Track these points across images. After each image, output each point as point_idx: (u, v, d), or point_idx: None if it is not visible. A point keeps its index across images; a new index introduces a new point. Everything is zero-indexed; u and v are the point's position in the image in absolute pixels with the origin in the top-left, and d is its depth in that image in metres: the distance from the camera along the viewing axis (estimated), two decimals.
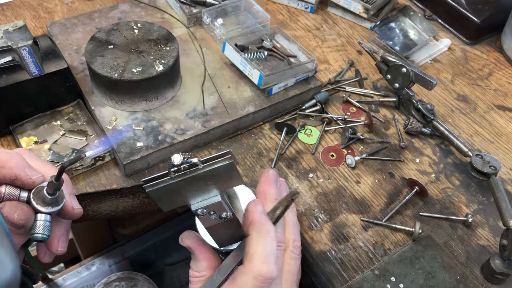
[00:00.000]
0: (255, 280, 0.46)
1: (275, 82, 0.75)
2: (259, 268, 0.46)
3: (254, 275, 0.46)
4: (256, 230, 0.48)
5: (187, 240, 0.52)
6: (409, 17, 0.96)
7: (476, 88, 0.88)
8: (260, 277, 0.46)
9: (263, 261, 0.46)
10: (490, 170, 0.69)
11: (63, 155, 0.66)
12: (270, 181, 0.56)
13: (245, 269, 0.47)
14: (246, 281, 0.46)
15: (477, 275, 0.62)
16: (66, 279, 1.24)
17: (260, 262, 0.46)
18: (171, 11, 0.90)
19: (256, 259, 0.46)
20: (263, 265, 0.46)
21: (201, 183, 0.43)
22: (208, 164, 0.41)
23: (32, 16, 0.88)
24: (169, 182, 0.41)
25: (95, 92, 0.72)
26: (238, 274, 0.47)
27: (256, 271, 0.46)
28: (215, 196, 0.44)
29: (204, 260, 0.51)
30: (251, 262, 0.46)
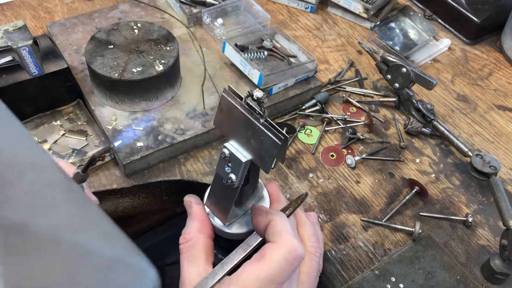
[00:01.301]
0: (289, 255, 0.44)
1: (275, 82, 0.75)
2: (292, 243, 0.44)
3: (288, 249, 0.44)
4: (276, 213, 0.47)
5: (189, 197, 0.52)
6: (409, 17, 0.96)
7: (476, 88, 0.88)
8: (294, 251, 0.44)
9: (295, 238, 0.45)
10: (490, 170, 0.69)
11: (63, 155, 0.66)
12: (279, 188, 0.56)
13: (277, 245, 0.45)
14: (278, 256, 0.44)
15: (477, 275, 0.62)
16: None
17: (291, 236, 0.45)
18: (171, 11, 0.90)
19: (287, 234, 0.45)
20: (295, 240, 0.44)
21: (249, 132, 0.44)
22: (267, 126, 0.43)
23: (32, 16, 0.88)
24: (239, 106, 0.44)
25: (95, 92, 0.72)
26: (269, 250, 0.45)
27: (290, 245, 0.44)
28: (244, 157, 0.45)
29: (197, 219, 0.50)
30: (282, 237, 0.44)
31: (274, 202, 0.54)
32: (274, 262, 0.43)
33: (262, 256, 0.45)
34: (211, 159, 0.71)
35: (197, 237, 0.49)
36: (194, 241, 0.49)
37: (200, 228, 0.50)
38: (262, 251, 0.45)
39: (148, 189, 0.69)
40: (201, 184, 0.68)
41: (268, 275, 0.43)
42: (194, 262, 0.48)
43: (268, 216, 0.47)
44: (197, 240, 0.49)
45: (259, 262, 0.44)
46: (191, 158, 0.71)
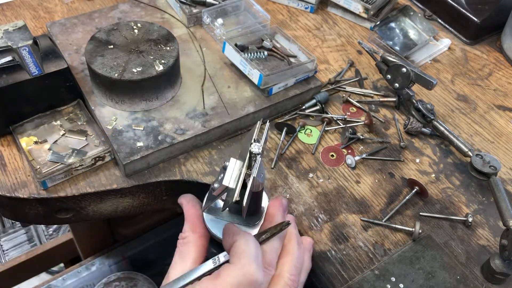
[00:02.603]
0: (243, 278, 0.44)
1: (275, 82, 0.75)
2: (249, 267, 0.45)
3: (243, 272, 0.44)
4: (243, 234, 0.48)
5: (182, 199, 0.54)
6: (409, 17, 0.96)
7: (476, 88, 0.88)
8: (249, 275, 0.44)
9: (254, 261, 0.45)
10: (490, 170, 0.69)
11: (63, 155, 0.66)
12: (280, 208, 0.55)
13: (233, 266, 0.45)
14: (232, 278, 0.44)
15: (477, 275, 0.62)
16: (66, 279, 1.24)
17: (250, 260, 0.45)
18: (171, 11, 0.90)
19: (246, 257, 0.45)
20: (253, 264, 0.45)
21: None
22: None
23: (32, 16, 0.88)
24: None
25: (95, 92, 0.72)
26: (224, 270, 0.46)
27: (246, 269, 0.44)
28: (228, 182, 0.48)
29: (187, 219, 0.52)
30: (240, 260, 0.45)
31: (265, 221, 0.54)
32: (227, 283, 0.44)
33: (218, 274, 0.46)
34: (211, 159, 0.71)
35: (190, 237, 0.52)
36: (186, 241, 0.51)
37: (192, 228, 0.52)
38: (219, 270, 0.46)
39: (148, 189, 0.69)
40: (201, 184, 0.68)
41: None
42: (182, 259, 0.50)
43: (233, 237, 0.48)
44: (189, 240, 0.51)
45: (214, 280, 0.45)
46: (191, 158, 0.71)
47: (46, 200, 0.65)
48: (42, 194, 0.64)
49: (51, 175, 0.64)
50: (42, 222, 0.70)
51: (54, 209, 0.67)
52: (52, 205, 0.66)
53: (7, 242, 1.69)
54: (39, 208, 0.66)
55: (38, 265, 1.40)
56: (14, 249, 1.67)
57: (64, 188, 0.65)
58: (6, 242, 1.69)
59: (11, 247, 1.68)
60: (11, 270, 1.33)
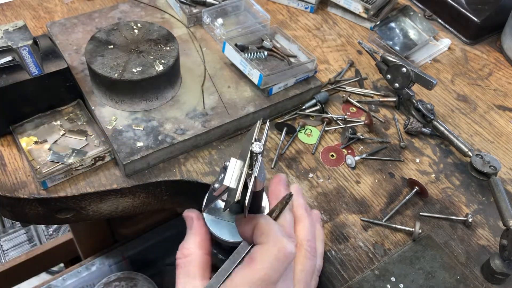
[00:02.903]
0: (278, 253, 0.43)
1: (275, 82, 0.75)
2: (280, 242, 0.44)
3: (277, 248, 0.43)
4: (260, 216, 0.47)
5: (190, 212, 0.52)
6: (409, 17, 0.96)
7: (476, 88, 0.88)
8: (283, 249, 0.43)
9: (283, 236, 0.44)
10: (490, 170, 0.69)
11: (63, 155, 0.66)
12: (282, 184, 0.55)
13: (265, 246, 0.44)
14: (268, 256, 0.43)
15: (477, 275, 0.62)
16: (66, 279, 1.24)
17: (279, 235, 0.44)
18: (171, 11, 0.90)
19: (274, 234, 0.44)
20: (284, 239, 0.44)
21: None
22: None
23: (32, 16, 0.88)
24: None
25: (95, 92, 0.72)
26: (258, 252, 0.44)
27: (279, 244, 0.44)
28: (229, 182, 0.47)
29: (197, 234, 0.50)
30: (270, 238, 0.44)
31: (272, 199, 0.54)
32: (265, 263, 0.43)
33: (252, 259, 0.45)
34: (211, 159, 0.71)
35: (195, 254, 0.49)
36: (193, 258, 0.49)
37: (199, 244, 0.50)
38: (251, 255, 0.45)
39: (148, 189, 0.69)
40: (201, 184, 0.68)
41: (260, 277, 0.43)
42: (190, 278, 0.48)
43: (252, 221, 0.47)
44: (195, 257, 0.49)
45: (250, 265, 0.44)
46: (191, 158, 0.71)
47: (46, 200, 0.65)
48: (42, 194, 0.64)
49: (51, 175, 0.64)
50: (42, 222, 0.70)
51: (54, 209, 0.67)
52: (52, 205, 0.66)
53: (7, 242, 1.69)
54: (39, 208, 0.66)
55: (38, 265, 1.40)
56: (14, 249, 1.67)
57: (64, 188, 0.65)
58: (6, 242, 1.69)
59: (11, 247, 1.68)
60: (11, 270, 1.33)
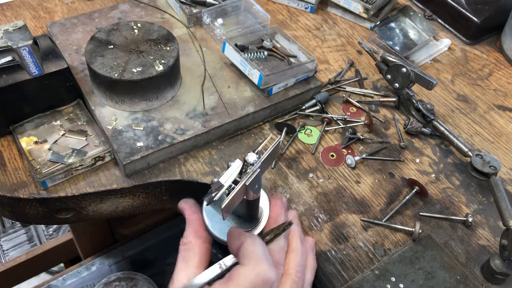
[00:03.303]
0: (256, 278, 0.44)
1: (275, 82, 0.75)
2: (261, 266, 0.44)
3: (256, 272, 0.44)
4: (249, 236, 0.48)
5: (184, 204, 0.54)
6: (409, 17, 0.96)
7: (476, 88, 0.88)
8: (262, 275, 0.44)
9: (265, 261, 0.45)
10: (490, 170, 0.69)
11: (63, 155, 0.66)
12: (282, 207, 0.56)
13: (245, 267, 0.45)
14: (245, 279, 0.44)
15: (477, 275, 0.62)
16: (66, 279, 1.24)
17: (261, 260, 0.45)
18: (171, 11, 0.90)
19: (256, 257, 0.45)
20: (265, 264, 0.45)
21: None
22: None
23: (32, 16, 0.88)
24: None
25: (95, 92, 0.72)
26: (236, 272, 0.45)
27: (258, 269, 0.44)
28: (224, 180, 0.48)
29: (191, 225, 0.52)
30: (251, 260, 0.45)
31: (270, 222, 0.54)
32: (241, 285, 0.44)
33: (229, 277, 0.45)
34: (211, 159, 0.71)
35: (193, 242, 0.51)
36: (190, 246, 0.51)
37: (195, 234, 0.52)
38: (231, 273, 0.46)
39: (148, 189, 0.69)
40: (201, 184, 0.68)
41: None
42: (186, 264, 0.50)
43: (240, 238, 0.48)
44: (192, 245, 0.51)
45: (227, 283, 0.45)
46: (191, 158, 0.71)
47: (46, 200, 0.65)
48: (42, 194, 0.64)
49: (51, 175, 0.64)
50: (42, 222, 0.70)
51: (54, 209, 0.67)
52: (52, 205, 0.66)
53: (7, 242, 1.69)
54: (39, 208, 0.66)
55: (38, 265, 1.40)
56: (14, 249, 1.67)
57: (64, 188, 0.65)
58: (6, 242, 1.69)
59: (11, 247, 1.68)
60: (11, 270, 1.33)
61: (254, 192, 0.48)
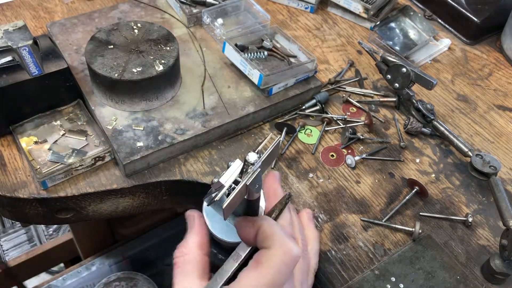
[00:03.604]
0: (285, 257, 0.44)
1: (275, 82, 0.75)
2: (286, 245, 0.44)
3: (284, 251, 0.44)
4: (263, 219, 0.47)
5: (192, 212, 0.52)
6: (409, 17, 0.96)
7: (476, 88, 0.88)
8: (290, 253, 0.44)
9: (287, 238, 0.45)
10: (490, 170, 0.69)
11: (63, 155, 0.66)
12: (277, 181, 0.56)
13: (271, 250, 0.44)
14: (275, 260, 0.44)
15: (477, 275, 0.62)
16: (66, 279, 1.24)
17: (285, 239, 0.44)
18: (171, 11, 0.90)
19: (279, 238, 0.45)
20: (290, 242, 0.44)
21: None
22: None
23: (32, 16, 0.88)
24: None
25: (95, 92, 0.72)
26: (264, 256, 0.45)
27: (285, 248, 0.44)
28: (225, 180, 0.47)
29: (198, 234, 0.50)
30: (275, 241, 0.44)
31: (269, 197, 0.54)
32: (272, 267, 0.44)
33: (258, 263, 0.45)
34: (211, 159, 0.71)
35: (194, 253, 0.49)
36: (191, 257, 0.48)
37: (199, 245, 0.49)
38: (257, 258, 0.45)
39: (148, 189, 0.69)
40: (201, 184, 0.68)
41: (269, 280, 0.43)
42: (188, 278, 0.47)
43: (255, 224, 0.47)
44: (194, 257, 0.48)
45: (257, 269, 0.44)
46: (191, 158, 0.71)
47: (46, 200, 0.65)
48: (42, 194, 0.64)
49: (51, 175, 0.64)
50: (42, 222, 0.70)
51: (54, 209, 0.67)
52: (52, 205, 0.66)
53: (7, 242, 1.69)
54: (39, 208, 0.66)
55: (38, 265, 1.40)
56: (14, 249, 1.67)
57: (64, 188, 0.65)
58: (6, 242, 1.69)
59: (11, 247, 1.68)
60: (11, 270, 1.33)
61: (255, 192, 0.48)
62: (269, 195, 0.54)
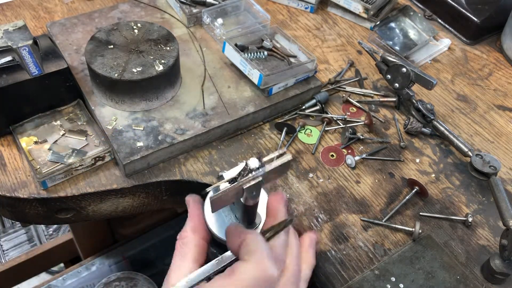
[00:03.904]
0: (259, 274, 0.44)
1: (275, 82, 0.75)
2: (263, 263, 0.44)
3: (259, 268, 0.44)
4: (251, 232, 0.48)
5: (190, 197, 0.53)
6: (409, 17, 0.96)
7: (476, 88, 0.88)
8: (265, 271, 0.44)
9: (268, 258, 0.45)
10: (490, 170, 0.69)
11: (63, 155, 0.66)
12: (282, 202, 0.55)
13: (247, 263, 0.45)
14: (248, 274, 0.44)
15: (477, 275, 0.62)
16: (66, 279, 1.24)
17: (264, 256, 0.45)
18: (171, 11, 0.90)
19: (259, 253, 0.45)
20: (268, 260, 0.45)
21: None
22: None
23: (32, 16, 0.88)
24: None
25: (95, 92, 0.72)
26: (239, 267, 0.45)
27: (262, 265, 0.44)
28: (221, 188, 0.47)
29: (191, 219, 0.52)
30: (254, 256, 0.45)
31: (269, 217, 0.54)
32: (244, 280, 0.44)
33: (233, 271, 0.45)
34: (211, 159, 0.71)
35: (190, 237, 0.51)
36: (187, 241, 0.51)
37: (194, 229, 0.51)
38: (233, 267, 0.46)
39: (148, 189, 0.69)
40: (201, 184, 0.68)
41: None
42: (182, 260, 0.50)
43: (241, 235, 0.47)
44: (190, 240, 0.51)
45: (230, 277, 0.45)
46: (191, 158, 0.71)
47: (46, 200, 0.65)
48: (42, 194, 0.64)
49: (51, 175, 0.64)
50: (42, 222, 0.70)
51: (54, 209, 0.67)
52: (52, 205, 0.66)
53: (7, 242, 1.69)
54: (39, 208, 0.66)
55: (38, 265, 1.40)
56: (14, 249, 1.67)
57: (64, 188, 0.65)
58: (6, 242, 1.69)
59: (11, 247, 1.68)
60: (11, 270, 1.33)
61: (251, 198, 0.48)
62: (269, 215, 0.54)
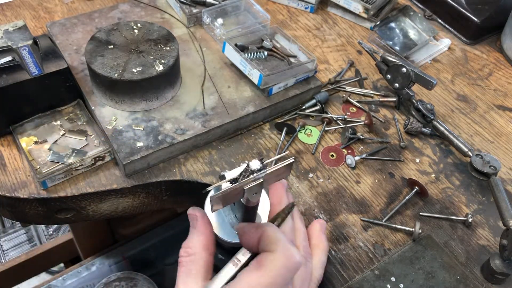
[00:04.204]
0: (287, 262, 0.44)
1: (275, 82, 0.75)
2: (289, 251, 0.44)
3: (286, 256, 0.44)
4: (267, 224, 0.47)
5: (195, 211, 0.51)
6: (409, 17, 0.96)
7: (476, 88, 0.88)
8: (292, 259, 0.44)
9: (291, 246, 0.45)
10: (490, 170, 0.69)
11: (63, 155, 0.66)
12: (284, 188, 0.56)
13: (274, 254, 0.45)
14: (277, 264, 0.44)
15: (477, 275, 0.62)
16: (66, 279, 1.24)
17: (288, 245, 0.45)
18: (171, 11, 0.90)
19: (282, 243, 0.45)
20: (292, 248, 0.45)
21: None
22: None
23: (32, 16, 0.88)
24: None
25: (95, 92, 0.72)
26: (266, 259, 0.45)
27: (288, 253, 0.44)
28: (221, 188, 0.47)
29: (203, 234, 0.49)
30: (278, 246, 0.45)
31: (274, 205, 0.54)
32: (274, 270, 0.44)
33: (260, 264, 0.45)
34: (211, 159, 0.71)
35: (200, 254, 0.48)
36: (197, 258, 0.48)
37: (205, 245, 0.49)
38: (259, 260, 0.45)
39: (148, 189, 0.69)
40: (201, 184, 0.68)
41: (269, 282, 0.44)
42: (192, 278, 0.47)
43: (258, 230, 0.47)
44: (199, 257, 0.48)
45: (259, 269, 0.44)
46: (191, 158, 0.71)
47: (46, 200, 0.65)
48: (42, 194, 0.64)
49: (51, 175, 0.64)
50: (42, 222, 0.70)
51: (54, 209, 0.67)
52: (52, 205, 0.66)
53: (7, 242, 1.69)
54: (39, 208, 0.66)
55: (38, 265, 1.40)
56: (14, 249, 1.67)
57: (64, 188, 0.65)
58: (6, 242, 1.69)
59: (11, 247, 1.68)
60: (11, 270, 1.33)
61: (252, 199, 0.48)
62: (274, 203, 0.54)
